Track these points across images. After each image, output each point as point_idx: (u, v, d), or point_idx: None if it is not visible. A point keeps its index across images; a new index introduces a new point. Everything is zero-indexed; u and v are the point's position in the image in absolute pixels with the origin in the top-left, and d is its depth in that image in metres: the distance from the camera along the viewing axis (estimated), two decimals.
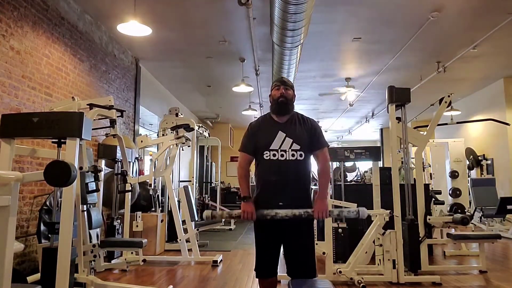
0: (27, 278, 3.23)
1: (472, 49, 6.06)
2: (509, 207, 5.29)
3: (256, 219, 2.38)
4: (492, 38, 5.66)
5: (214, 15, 5.16)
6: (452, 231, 4.94)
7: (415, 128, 5.04)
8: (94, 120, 3.55)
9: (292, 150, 2.38)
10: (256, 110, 9.30)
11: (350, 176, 6.00)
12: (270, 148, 2.38)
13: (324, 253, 3.79)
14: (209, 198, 9.04)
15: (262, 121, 2.57)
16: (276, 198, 2.37)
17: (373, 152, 4.22)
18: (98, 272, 3.93)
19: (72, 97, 3.62)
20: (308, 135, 2.45)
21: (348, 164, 5.81)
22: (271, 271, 2.43)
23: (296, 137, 2.41)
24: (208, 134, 8.61)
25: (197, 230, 5.36)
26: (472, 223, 6.35)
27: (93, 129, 2.75)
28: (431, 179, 7.95)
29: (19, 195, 3.68)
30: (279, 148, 2.38)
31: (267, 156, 2.38)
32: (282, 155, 2.37)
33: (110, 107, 3.65)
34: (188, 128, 5.35)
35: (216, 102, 10.10)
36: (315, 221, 5.36)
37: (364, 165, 6.64)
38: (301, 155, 2.39)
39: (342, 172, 4.93)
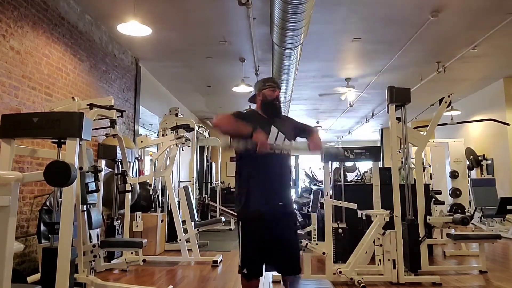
0: (27, 278, 3.22)
1: (472, 49, 6.06)
2: (509, 207, 5.30)
3: (247, 213, 2.34)
4: (492, 38, 5.66)
5: (214, 15, 5.16)
6: (452, 231, 4.94)
7: (415, 128, 5.04)
8: (94, 120, 3.55)
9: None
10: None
11: (350, 176, 6.00)
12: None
13: (324, 253, 3.79)
14: (209, 198, 9.04)
15: (252, 114, 2.52)
16: (276, 193, 2.36)
17: (373, 152, 4.22)
18: (98, 272, 3.93)
19: (72, 97, 3.63)
20: (293, 131, 2.51)
21: (348, 164, 5.81)
22: (261, 270, 2.34)
23: (286, 132, 2.44)
24: (208, 134, 8.61)
25: (197, 230, 5.35)
26: (472, 223, 6.35)
27: (93, 129, 2.75)
28: (431, 179, 7.94)
29: (19, 195, 3.68)
30: (274, 142, 2.36)
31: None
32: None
33: (110, 107, 3.65)
34: (188, 128, 5.35)
35: (216, 102, 10.10)
36: (316, 221, 5.36)
37: (364, 165, 6.64)
38: (289, 150, 2.42)
39: (342, 172, 4.93)
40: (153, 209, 5.70)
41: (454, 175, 7.85)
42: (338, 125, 13.24)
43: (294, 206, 5.35)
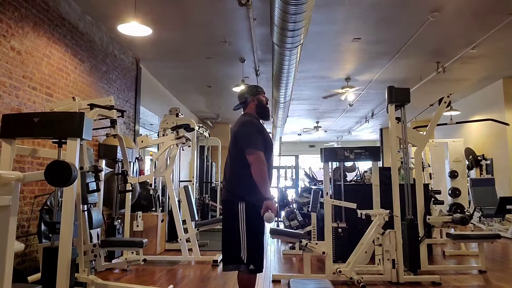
0: (28, 278, 3.24)
1: (471, 50, 6.06)
2: (508, 207, 5.31)
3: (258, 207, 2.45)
4: (491, 39, 5.66)
5: (214, 16, 5.17)
6: (452, 231, 4.95)
7: (414, 128, 5.05)
8: (95, 120, 3.56)
9: None
10: None
11: (350, 176, 6.01)
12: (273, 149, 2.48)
13: (324, 253, 3.80)
14: (209, 198, 9.05)
15: (258, 122, 2.62)
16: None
17: (372, 152, 4.22)
18: (98, 272, 3.94)
19: (73, 97, 3.64)
20: None
21: (348, 164, 5.81)
22: None
23: None
24: (208, 134, 8.62)
25: (197, 230, 5.36)
26: (471, 223, 6.37)
27: (93, 129, 2.76)
28: (430, 179, 7.95)
29: (20, 195, 3.69)
30: None
31: (272, 158, 2.44)
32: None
33: (110, 107, 3.66)
34: (189, 128, 5.36)
35: (216, 102, 10.11)
36: (316, 221, 5.36)
37: (363, 165, 6.65)
38: None
39: (342, 172, 4.94)
40: (154, 209, 5.72)
41: (453, 175, 7.85)
42: (338, 125, 13.24)
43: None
